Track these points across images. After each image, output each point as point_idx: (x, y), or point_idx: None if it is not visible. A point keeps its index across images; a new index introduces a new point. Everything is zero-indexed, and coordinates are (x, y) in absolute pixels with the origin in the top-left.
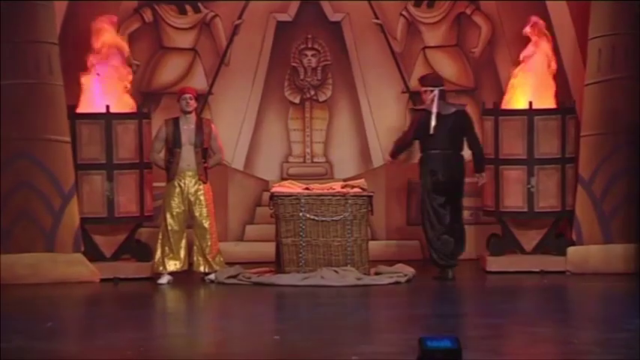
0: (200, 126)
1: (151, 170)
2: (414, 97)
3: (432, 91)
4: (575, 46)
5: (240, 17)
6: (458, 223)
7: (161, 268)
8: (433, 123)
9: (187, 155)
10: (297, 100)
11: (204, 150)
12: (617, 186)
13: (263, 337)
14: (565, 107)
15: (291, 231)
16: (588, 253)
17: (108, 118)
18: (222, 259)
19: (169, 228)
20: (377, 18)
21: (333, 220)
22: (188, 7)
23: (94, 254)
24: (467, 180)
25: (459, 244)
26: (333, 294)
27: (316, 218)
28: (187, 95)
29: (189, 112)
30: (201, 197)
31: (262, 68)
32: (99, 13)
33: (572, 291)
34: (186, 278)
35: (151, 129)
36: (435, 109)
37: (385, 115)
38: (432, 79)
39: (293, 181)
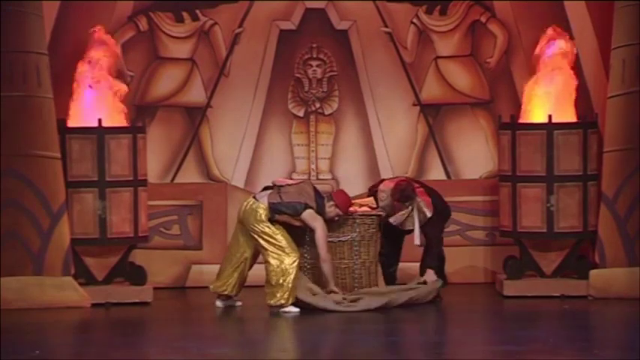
0: None
1: (145, 188)
2: (426, 109)
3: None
4: (597, 56)
5: (240, 25)
6: None
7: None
8: None
9: None
10: (301, 114)
11: None
12: None
13: None
14: (587, 121)
15: None
16: (612, 277)
17: (100, 132)
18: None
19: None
20: (386, 26)
21: (339, 241)
22: (185, 15)
23: (84, 277)
24: (482, 198)
25: None
26: (343, 319)
27: None
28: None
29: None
30: None
31: (264, 79)
32: (91, 20)
33: (594, 317)
34: (185, 301)
35: (146, 144)
36: None
37: (395, 129)
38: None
39: None
